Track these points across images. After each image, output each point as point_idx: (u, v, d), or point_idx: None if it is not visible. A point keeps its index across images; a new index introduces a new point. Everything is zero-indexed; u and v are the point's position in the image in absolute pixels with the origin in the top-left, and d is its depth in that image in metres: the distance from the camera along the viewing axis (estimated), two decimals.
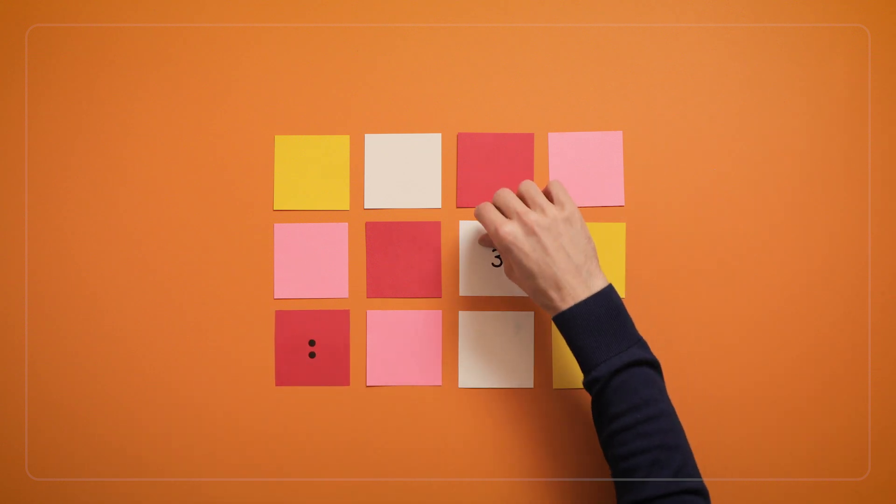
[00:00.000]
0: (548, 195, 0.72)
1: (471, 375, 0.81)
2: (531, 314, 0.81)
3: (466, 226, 0.82)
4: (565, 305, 0.67)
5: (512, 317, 0.81)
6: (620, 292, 0.81)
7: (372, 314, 0.82)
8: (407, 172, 0.82)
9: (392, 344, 0.82)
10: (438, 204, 0.82)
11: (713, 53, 0.82)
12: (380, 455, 0.81)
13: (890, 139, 0.81)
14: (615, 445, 0.65)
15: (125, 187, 0.83)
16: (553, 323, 0.81)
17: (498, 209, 0.72)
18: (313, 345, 0.82)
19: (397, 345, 0.82)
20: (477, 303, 0.82)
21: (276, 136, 0.83)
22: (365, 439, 0.81)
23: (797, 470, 0.79)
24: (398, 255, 0.82)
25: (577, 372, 0.81)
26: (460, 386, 0.81)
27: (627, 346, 0.66)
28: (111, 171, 0.83)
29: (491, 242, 0.79)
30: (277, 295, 0.82)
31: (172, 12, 0.84)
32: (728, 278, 0.81)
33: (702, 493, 0.63)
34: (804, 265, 0.81)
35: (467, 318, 0.81)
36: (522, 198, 0.72)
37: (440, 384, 0.81)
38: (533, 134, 0.82)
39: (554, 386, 0.81)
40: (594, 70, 0.83)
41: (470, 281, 0.82)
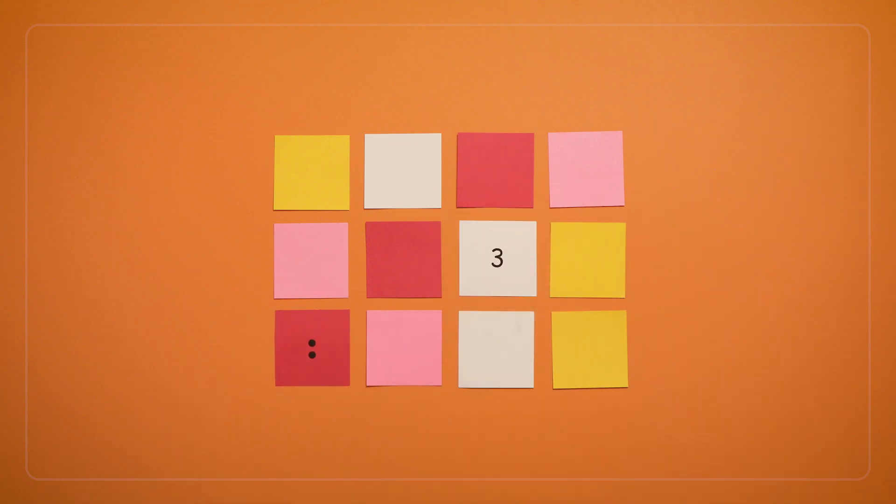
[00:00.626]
0: None
1: (471, 375, 0.81)
2: (531, 314, 0.81)
3: (466, 226, 0.82)
4: None
5: (512, 317, 0.81)
6: (620, 292, 0.81)
7: (372, 314, 0.82)
8: (407, 172, 0.82)
9: (392, 344, 0.82)
10: (438, 204, 0.82)
11: (713, 53, 0.82)
12: (380, 455, 0.81)
13: (890, 139, 0.81)
14: None
15: (125, 187, 0.83)
16: (552, 325, 0.81)
17: None
18: (313, 345, 0.82)
19: (397, 345, 0.82)
20: (477, 303, 0.82)
21: (276, 136, 0.83)
22: (365, 439, 0.81)
23: (797, 470, 0.79)
24: (398, 255, 0.82)
25: (577, 372, 0.81)
26: (460, 386, 0.81)
27: None
28: (111, 171, 0.83)
29: None
30: (277, 295, 0.82)
31: (172, 12, 0.84)
32: (728, 278, 0.81)
33: None
34: (804, 265, 0.81)
35: (467, 318, 0.81)
36: None
37: (440, 384, 0.81)
38: (533, 134, 0.82)
39: (554, 386, 0.81)
40: (594, 70, 0.83)
41: (470, 281, 0.82)
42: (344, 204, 0.83)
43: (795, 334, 0.80)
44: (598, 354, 0.81)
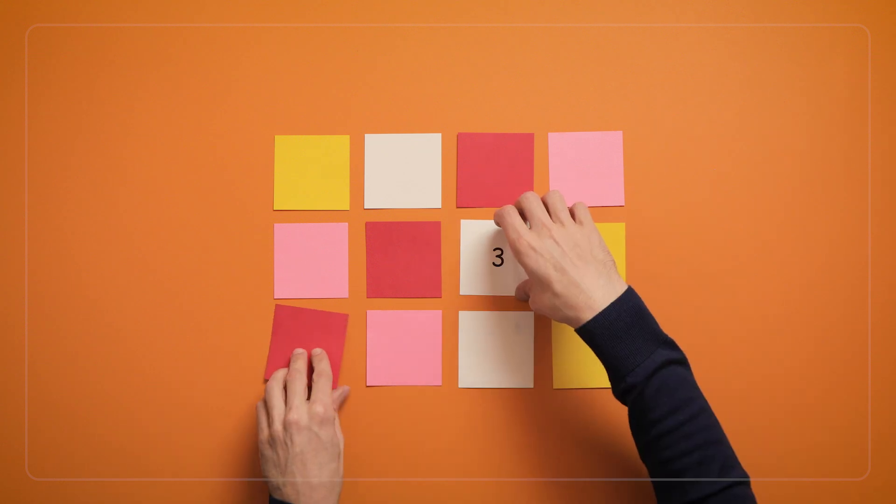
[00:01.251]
0: (572, 213, 0.73)
1: (471, 375, 0.81)
2: (531, 314, 0.81)
3: (466, 225, 0.82)
4: (588, 315, 0.66)
5: (512, 317, 0.81)
6: None
7: (372, 314, 0.82)
8: (407, 172, 0.82)
9: (392, 344, 0.82)
10: (438, 204, 0.82)
11: (713, 53, 0.82)
12: (380, 455, 0.81)
13: (890, 139, 0.81)
14: (658, 450, 0.64)
15: (125, 187, 0.83)
16: (552, 325, 0.81)
17: (520, 212, 0.73)
18: None
19: (397, 345, 0.82)
20: (477, 303, 0.82)
21: (276, 136, 0.83)
22: (365, 439, 0.81)
23: (797, 470, 0.79)
24: (398, 255, 0.82)
25: (577, 372, 0.81)
26: (460, 386, 0.81)
27: (656, 348, 0.65)
28: (111, 171, 0.83)
29: (525, 294, 0.79)
30: (277, 295, 0.82)
31: (172, 12, 0.84)
32: (728, 278, 0.81)
33: (747, 482, 0.64)
34: (804, 265, 0.81)
35: (467, 318, 0.81)
36: (546, 207, 0.72)
37: (440, 384, 0.81)
38: (533, 134, 0.82)
39: (554, 386, 0.81)
40: (594, 70, 0.83)
41: (470, 281, 0.82)
42: (344, 204, 0.83)
43: (795, 334, 0.80)
44: None
